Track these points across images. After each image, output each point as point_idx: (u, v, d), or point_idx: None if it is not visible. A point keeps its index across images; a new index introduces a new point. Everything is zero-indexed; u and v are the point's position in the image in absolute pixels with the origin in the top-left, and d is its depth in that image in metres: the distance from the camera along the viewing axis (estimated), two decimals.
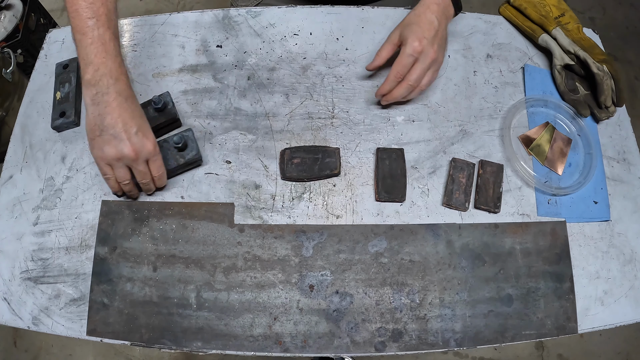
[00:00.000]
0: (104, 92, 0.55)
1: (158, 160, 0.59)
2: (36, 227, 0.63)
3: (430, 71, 0.64)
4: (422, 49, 0.62)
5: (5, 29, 1.41)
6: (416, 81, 0.63)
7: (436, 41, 0.63)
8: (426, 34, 0.62)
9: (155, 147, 0.58)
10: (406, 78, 0.63)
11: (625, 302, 0.63)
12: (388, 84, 0.64)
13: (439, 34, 0.64)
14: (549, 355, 1.41)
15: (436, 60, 0.64)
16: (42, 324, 0.59)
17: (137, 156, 0.56)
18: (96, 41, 0.56)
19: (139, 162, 0.57)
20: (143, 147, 0.57)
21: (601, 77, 0.67)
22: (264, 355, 0.58)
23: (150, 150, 0.57)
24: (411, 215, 0.64)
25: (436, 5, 0.65)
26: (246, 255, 0.61)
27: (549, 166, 0.68)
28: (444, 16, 0.65)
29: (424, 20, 0.63)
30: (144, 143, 0.57)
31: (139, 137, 0.56)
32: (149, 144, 0.57)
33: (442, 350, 0.59)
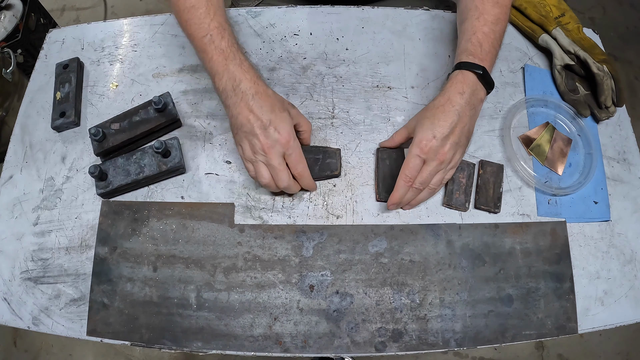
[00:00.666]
0: (231, 95, 0.57)
1: (294, 154, 0.57)
2: (36, 227, 0.63)
3: (441, 172, 0.59)
4: (429, 149, 0.56)
5: (5, 29, 1.41)
6: (422, 184, 0.59)
7: (450, 140, 0.57)
8: (438, 132, 0.56)
9: (290, 141, 0.56)
10: (415, 181, 0.58)
11: (625, 302, 0.63)
12: (398, 192, 0.59)
13: (456, 130, 0.57)
14: (549, 355, 1.41)
15: (447, 161, 0.58)
16: (42, 324, 0.59)
17: (269, 150, 0.55)
18: (215, 53, 0.58)
19: (272, 156, 0.56)
20: (274, 140, 0.55)
21: (601, 77, 0.67)
22: (264, 355, 0.58)
23: (282, 142, 0.56)
24: (411, 216, 0.64)
25: (459, 96, 0.58)
26: (246, 255, 0.61)
27: (549, 166, 0.68)
28: (470, 105, 0.58)
29: (441, 116, 0.57)
30: (275, 136, 0.55)
31: (270, 131, 0.55)
32: (281, 137, 0.56)
33: (442, 350, 0.59)
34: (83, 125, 0.69)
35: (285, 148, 0.56)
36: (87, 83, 0.72)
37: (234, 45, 0.60)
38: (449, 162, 0.59)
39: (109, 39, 0.76)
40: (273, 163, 0.56)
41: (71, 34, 0.77)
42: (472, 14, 0.63)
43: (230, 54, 0.59)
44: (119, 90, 0.72)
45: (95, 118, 0.69)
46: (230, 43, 0.59)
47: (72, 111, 0.68)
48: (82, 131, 0.69)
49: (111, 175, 0.62)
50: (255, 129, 0.56)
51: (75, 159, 0.67)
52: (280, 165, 0.56)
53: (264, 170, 0.57)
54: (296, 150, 0.57)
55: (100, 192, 0.62)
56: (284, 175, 0.57)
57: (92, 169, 0.60)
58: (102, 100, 0.71)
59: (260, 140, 0.56)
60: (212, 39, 0.59)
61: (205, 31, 0.59)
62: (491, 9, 0.63)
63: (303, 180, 0.60)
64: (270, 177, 0.58)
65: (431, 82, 0.72)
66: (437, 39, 0.76)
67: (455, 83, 0.59)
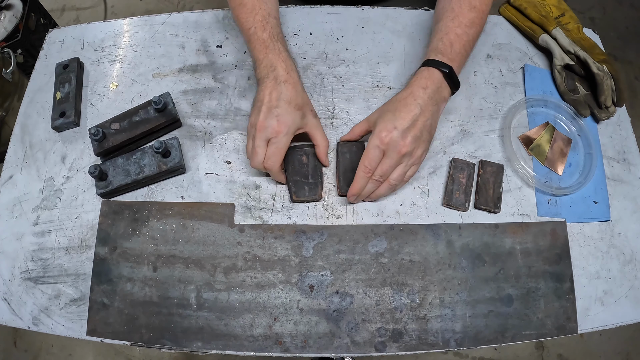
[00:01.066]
0: (264, 78, 0.61)
1: (274, 147, 0.58)
2: (36, 227, 0.63)
3: (402, 166, 0.58)
4: (389, 140, 0.56)
5: (5, 29, 1.41)
6: (382, 177, 0.58)
7: (411, 132, 0.57)
8: (398, 123, 0.56)
9: (280, 133, 0.58)
10: (374, 173, 0.58)
11: (625, 302, 0.63)
12: (357, 183, 0.59)
13: (418, 124, 0.57)
14: (549, 355, 1.41)
15: (409, 155, 0.58)
16: (42, 324, 0.59)
17: (260, 128, 0.58)
18: (258, 43, 0.64)
19: (258, 135, 0.58)
20: (268, 124, 0.58)
21: (601, 77, 0.67)
22: (264, 355, 0.58)
23: (273, 129, 0.58)
24: (411, 215, 0.64)
25: (422, 90, 0.58)
26: (246, 255, 0.61)
27: (549, 166, 0.68)
28: (433, 102, 0.59)
29: (403, 107, 0.57)
30: (271, 121, 0.58)
31: (272, 114, 0.58)
32: (275, 125, 0.58)
33: (442, 350, 0.59)
34: (83, 125, 0.69)
35: (272, 135, 0.58)
36: (87, 83, 0.73)
37: (275, 36, 0.64)
38: (410, 156, 0.58)
39: (109, 39, 0.76)
40: (256, 141, 0.59)
41: (71, 34, 0.77)
42: (447, 15, 0.64)
43: (270, 44, 0.63)
44: (119, 90, 0.72)
45: (95, 118, 0.69)
46: (271, 34, 0.63)
47: (72, 111, 0.68)
48: (82, 131, 0.69)
49: (111, 175, 0.62)
50: (264, 106, 0.59)
51: (75, 159, 0.67)
52: (259, 147, 0.58)
53: (249, 143, 0.60)
54: (279, 145, 0.58)
55: (100, 192, 0.62)
56: (258, 158, 0.59)
57: (92, 169, 0.60)
58: (102, 100, 0.71)
59: (259, 117, 0.58)
60: (255, 30, 0.64)
61: (250, 24, 0.65)
62: (467, 12, 0.64)
63: (271, 173, 0.61)
64: (250, 152, 0.60)
65: None
66: None
67: (420, 78, 0.60)
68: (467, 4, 0.64)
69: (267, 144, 0.59)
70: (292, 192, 0.63)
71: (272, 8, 0.67)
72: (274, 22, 0.65)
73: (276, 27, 0.65)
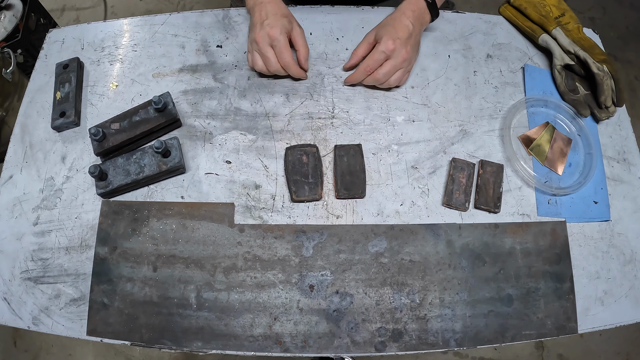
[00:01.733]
0: (252, 7, 0.69)
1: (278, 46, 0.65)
2: (36, 227, 0.63)
3: (401, 71, 0.68)
4: (394, 47, 0.65)
5: (5, 29, 1.41)
6: (385, 76, 0.67)
7: (409, 43, 0.67)
8: (400, 34, 0.66)
9: (276, 35, 0.65)
10: (376, 72, 0.67)
11: (625, 302, 0.63)
12: (356, 75, 0.69)
13: (412, 37, 0.67)
14: (549, 355, 1.41)
15: (408, 60, 0.68)
16: (42, 324, 0.59)
17: (260, 40, 0.65)
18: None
19: (261, 45, 0.66)
20: (265, 33, 0.65)
21: (601, 77, 0.67)
22: (264, 355, 0.58)
23: (270, 35, 0.65)
24: (411, 215, 0.64)
25: (411, 12, 0.68)
26: (246, 255, 0.61)
27: (549, 166, 0.68)
28: (419, 22, 0.69)
29: (399, 23, 0.67)
30: (266, 29, 0.65)
31: (264, 25, 0.66)
32: (270, 31, 0.65)
33: (442, 350, 0.59)
34: (83, 125, 0.69)
35: (271, 40, 0.65)
36: (87, 83, 0.72)
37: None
38: (409, 62, 0.68)
39: (109, 39, 0.76)
40: (262, 51, 0.66)
41: (71, 34, 0.77)
42: None
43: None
44: (119, 90, 0.72)
45: (95, 118, 0.69)
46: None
47: (72, 111, 0.68)
48: (82, 131, 0.69)
49: (111, 175, 0.62)
50: (256, 23, 0.67)
51: (75, 159, 0.67)
52: (267, 52, 0.66)
53: (257, 58, 0.67)
54: (281, 43, 0.65)
55: (100, 192, 0.62)
56: (272, 60, 0.66)
57: (92, 168, 0.60)
58: (102, 100, 0.71)
59: (255, 32, 0.66)
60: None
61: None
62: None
63: (289, 69, 0.68)
64: (261, 63, 0.67)
65: (431, 82, 0.72)
66: (436, 39, 0.76)
67: (409, 3, 0.69)
68: None
69: (271, 48, 0.66)
70: (292, 192, 0.63)
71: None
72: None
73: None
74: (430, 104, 0.71)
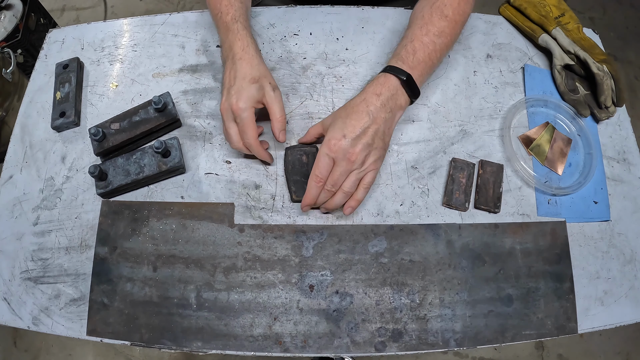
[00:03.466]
0: (225, 60, 0.64)
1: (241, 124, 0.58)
2: (36, 227, 0.63)
3: (354, 173, 0.57)
4: (338, 148, 0.55)
5: (5, 29, 1.41)
6: (334, 186, 0.57)
7: (362, 140, 0.55)
8: (348, 131, 0.55)
9: (238, 110, 0.58)
10: (326, 182, 0.57)
11: (625, 302, 0.63)
12: (310, 193, 0.57)
13: (369, 131, 0.56)
14: (549, 355, 1.41)
15: (359, 162, 0.56)
16: (42, 324, 0.59)
17: (224, 111, 0.60)
18: (222, 27, 0.65)
19: (225, 118, 0.60)
20: (229, 104, 0.59)
21: (601, 77, 0.67)
22: (264, 355, 0.58)
23: (233, 108, 0.58)
24: (411, 215, 0.64)
25: (375, 97, 0.57)
26: (246, 255, 0.61)
27: (549, 166, 0.68)
28: (386, 109, 0.57)
29: (354, 116, 0.56)
30: (231, 100, 0.58)
31: (231, 95, 0.59)
32: (235, 103, 0.58)
33: (442, 350, 0.59)
34: (83, 125, 0.69)
35: (235, 114, 0.59)
36: (87, 83, 0.73)
37: (236, 17, 0.64)
38: (362, 163, 0.57)
39: (109, 39, 0.76)
40: (225, 123, 0.60)
41: (71, 34, 0.77)
42: (416, 23, 0.64)
43: (231, 25, 0.63)
44: (119, 90, 0.72)
45: (95, 118, 0.69)
46: (233, 17, 0.64)
47: (72, 111, 0.68)
48: (82, 131, 0.69)
49: (111, 175, 0.62)
50: (224, 89, 0.61)
51: (75, 159, 0.67)
52: (230, 128, 0.60)
53: (224, 127, 0.61)
54: (244, 121, 0.58)
55: (100, 192, 0.62)
56: (233, 138, 0.60)
57: (92, 168, 0.60)
58: (102, 100, 0.71)
59: (222, 101, 0.60)
60: (220, 15, 0.65)
61: (217, 10, 0.66)
62: (437, 21, 0.63)
63: (252, 150, 0.60)
64: (225, 136, 0.62)
65: (431, 82, 0.72)
66: None
67: (375, 85, 0.59)
68: (438, 13, 0.63)
69: (235, 125, 0.60)
70: (292, 192, 0.63)
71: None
72: (237, 5, 0.66)
73: (239, 10, 0.65)
74: (430, 103, 0.71)
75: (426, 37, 0.62)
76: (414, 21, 0.65)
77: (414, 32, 0.63)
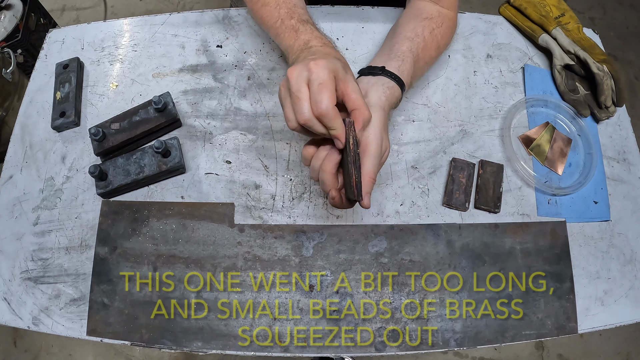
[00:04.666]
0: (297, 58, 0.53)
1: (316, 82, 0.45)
2: (36, 227, 0.63)
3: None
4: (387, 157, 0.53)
5: (5, 29, 1.41)
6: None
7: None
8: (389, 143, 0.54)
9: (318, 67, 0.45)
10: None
11: (625, 302, 0.63)
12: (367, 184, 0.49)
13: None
14: (549, 355, 1.41)
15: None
16: (42, 324, 0.59)
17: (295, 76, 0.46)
18: (286, 31, 0.58)
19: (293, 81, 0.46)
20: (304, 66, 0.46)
21: (601, 77, 0.67)
22: (264, 355, 0.58)
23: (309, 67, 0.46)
24: (411, 215, 0.64)
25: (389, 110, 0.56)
26: (246, 255, 0.61)
27: (549, 166, 0.68)
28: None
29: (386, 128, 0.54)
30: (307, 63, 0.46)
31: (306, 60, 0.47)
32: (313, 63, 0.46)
33: (442, 350, 0.59)
34: (83, 125, 0.69)
35: (309, 72, 0.45)
36: (87, 83, 0.72)
37: (305, 20, 0.59)
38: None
39: (109, 39, 0.76)
40: (293, 88, 0.45)
41: (71, 34, 0.77)
42: (417, 42, 0.62)
43: (300, 27, 0.58)
44: (119, 90, 0.72)
45: (95, 118, 0.69)
46: (300, 19, 0.59)
47: (72, 111, 0.68)
48: (82, 131, 0.69)
49: (111, 175, 0.62)
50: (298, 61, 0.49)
51: (75, 159, 0.67)
52: (299, 92, 0.45)
53: (287, 109, 0.47)
54: (320, 78, 0.45)
55: (100, 192, 0.62)
56: (303, 104, 0.45)
57: (92, 168, 0.60)
58: (102, 100, 0.71)
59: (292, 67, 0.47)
60: (282, 21, 0.60)
61: (276, 18, 0.61)
62: (434, 50, 0.65)
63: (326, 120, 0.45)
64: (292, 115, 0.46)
65: (431, 82, 0.72)
66: None
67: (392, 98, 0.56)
68: (435, 43, 0.64)
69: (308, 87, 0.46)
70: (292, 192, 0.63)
71: (297, 0, 0.63)
72: (300, 11, 0.61)
73: (305, 14, 0.61)
74: (430, 103, 0.71)
75: (422, 61, 0.63)
76: (414, 39, 0.62)
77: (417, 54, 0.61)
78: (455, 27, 0.70)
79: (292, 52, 0.56)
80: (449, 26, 0.67)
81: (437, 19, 0.65)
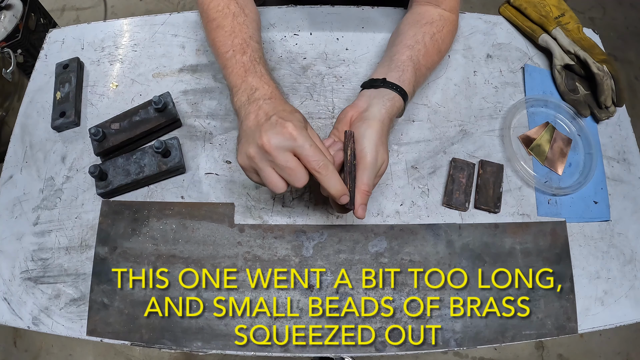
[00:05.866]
0: (244, 104, 0.53)
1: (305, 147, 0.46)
2: (36, 227, 0.63)
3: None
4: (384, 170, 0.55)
5: (5, 29, 1.41)
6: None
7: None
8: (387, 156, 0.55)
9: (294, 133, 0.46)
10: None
11: (625, 302, 0.63)
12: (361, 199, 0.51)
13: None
14: (549, 355, 1.41)
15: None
16: (42, 324, 0.59)
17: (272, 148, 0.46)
18: (235, 67, 0.56)
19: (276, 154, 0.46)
20: (277, 132, 0.46)
21: (601, 77, 0.67)
22: (264, 355, 0.58)
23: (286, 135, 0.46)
24: (411, 215, 0.64)
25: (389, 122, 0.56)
26: (246, 255, 0.61)
27: (549, 166, 0.68)
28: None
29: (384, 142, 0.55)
30: (279, 129, 0.46)
31: (273, 124, 0.47)
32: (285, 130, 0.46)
33: (442, 350, 0.59)
34: (83, 125, 0.69)
35: (291, 141, 0.46)
36: (87, 83, 0.72)
37: (257, 59, 0.57)
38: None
39: (109, 39, 0.76)
40: (279, 162, 0.46)
41: (71, 34, 0.77)
42: (418, 48, 0.62)
43: (250, 67, 0.56)
44: (119, 90, 0.72)
45: (95, 118, 0.69)
46: (252, 58, 0.57)
47: (72, 111, 0.68)
48: (82, 131, 0.69)
49: (111, 175, 0.62)
50: (256, 128, 0.48)
51: (75, 159, 0.67)
52: (288, 162, 0.46)
53: (272, 176, 0.47)
54: (307, 142, 0.46)
55: (100, 192, 0.62)
56: (299, 174, 0.46)
57: (92, 168, 0.60)
58: (102, 100, 0.71)
59: (262, 137, 0.46)
60: (233, 54, 0.57)
61: (228, 47, 0.58)
62: (436, 54, 0.65)
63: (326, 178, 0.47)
64: (282, 182, 0.47)
65: (431, 82, 0.72)
66: None
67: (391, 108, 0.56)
68: (436, 48, 0.64)
69: (293, 155, 0.47)
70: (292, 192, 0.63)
71: (254, 32, 0.61)
72: (255, 45, 0.59)
73: (258, 51, 0.59)
74: (430, 103, 0.71)
75: (424, 67, 0.63)
76: (415, 46, 0.62)
77: (418, 61, 0.61)
78: (456, 30, 0.70)
79: (237, 94, 0.55)
80: (450, 29, 0.67)
81: (438, 23, 0.65)
